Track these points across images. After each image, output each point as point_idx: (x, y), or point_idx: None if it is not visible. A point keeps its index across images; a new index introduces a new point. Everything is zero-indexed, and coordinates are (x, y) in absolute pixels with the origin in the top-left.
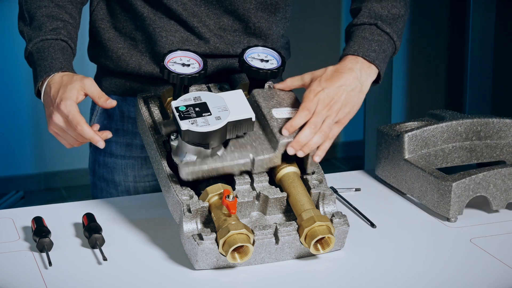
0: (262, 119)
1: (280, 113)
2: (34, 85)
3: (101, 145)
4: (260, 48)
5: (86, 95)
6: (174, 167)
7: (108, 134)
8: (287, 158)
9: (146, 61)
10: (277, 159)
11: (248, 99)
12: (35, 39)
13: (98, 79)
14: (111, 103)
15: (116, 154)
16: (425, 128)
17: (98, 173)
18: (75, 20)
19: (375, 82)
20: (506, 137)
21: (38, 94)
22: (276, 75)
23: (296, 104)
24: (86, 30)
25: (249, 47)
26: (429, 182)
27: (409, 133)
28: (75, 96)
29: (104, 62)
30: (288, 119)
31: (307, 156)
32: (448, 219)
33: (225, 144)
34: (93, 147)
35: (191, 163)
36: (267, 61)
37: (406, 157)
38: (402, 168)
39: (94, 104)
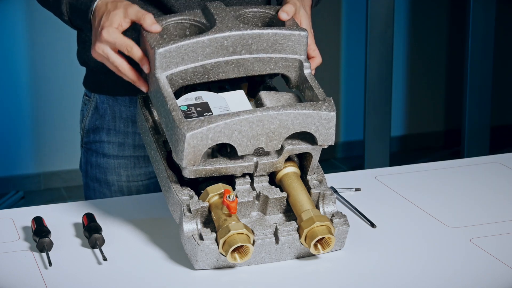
0: None
1: None
2: (87, 21)
3: (146, 69)
4: None
5: (132, 22)
6: (174, 167)
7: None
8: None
9: None
10: (280, 164)
11: (254, 100)
12: None
13: (88, 80)
14: (156, 28)
15: (108, 154)
16: (181, 43)
17: (90, 174)
18: None
19: None
20: (283, 50)
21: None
22: (274, 75)
23: None
24: (74, 37)
25: None
26: (170, 119)
27: (161, 49)
28: (117, 23)
29: (95, 65)
30: None
31: (309, 159)
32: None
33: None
34: (84, 148)
35: None
36: None
37: (157, 75)
38: (154, 85)
39: (84, 105)
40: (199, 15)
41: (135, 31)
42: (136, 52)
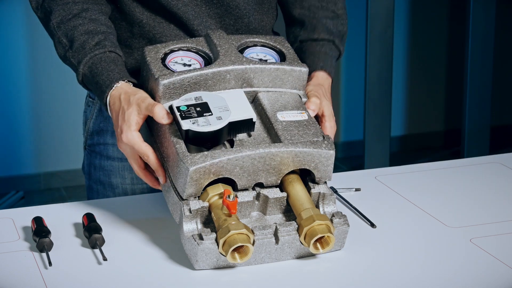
0: (267, 122)
1: (285, 116)
2: (101, 102)
3: (162, 180)
4: (259, 48)
5: (146, 116)
6: None
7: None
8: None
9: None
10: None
11: (253, 101)
12: (83, 59)
13: None
14: (166, 120)
15: (113, 157)
16: (185, 76)
17: (94, 176)
18: (112, 29)
19: None
20: (283, 85)
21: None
22: None
23: (300, 107)
24: None
25: (247, 46)
26: (173, 151)
27: (165, 81)
28: (134, 123)
29: None
30: (293, 122)
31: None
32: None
33: (231, 145)
34: (87, 150)
35: None
36: (265, 60)
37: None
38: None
39: (87, 107)
40: (202, 43)
41: (143, 39)
42: (152, 161)
